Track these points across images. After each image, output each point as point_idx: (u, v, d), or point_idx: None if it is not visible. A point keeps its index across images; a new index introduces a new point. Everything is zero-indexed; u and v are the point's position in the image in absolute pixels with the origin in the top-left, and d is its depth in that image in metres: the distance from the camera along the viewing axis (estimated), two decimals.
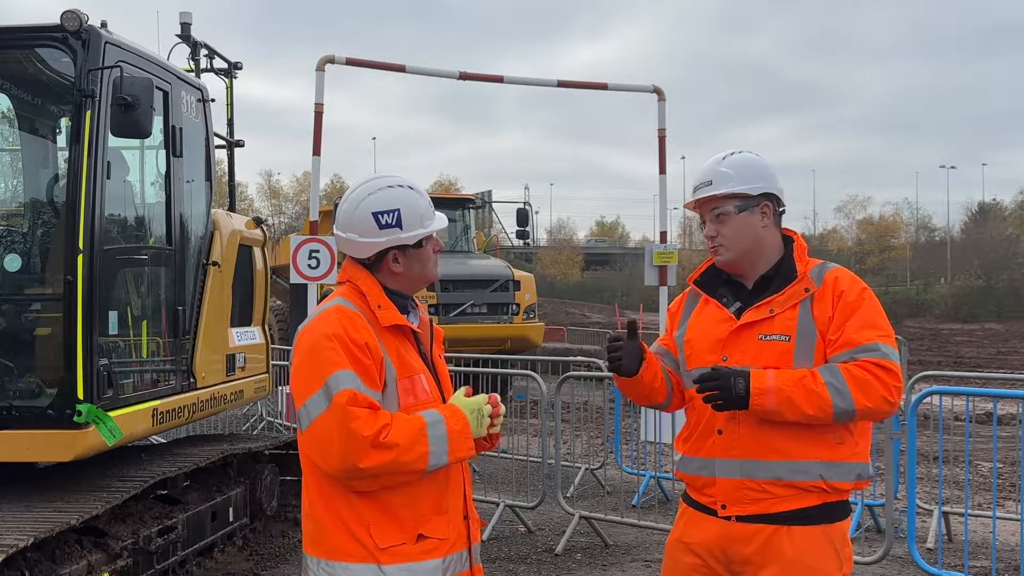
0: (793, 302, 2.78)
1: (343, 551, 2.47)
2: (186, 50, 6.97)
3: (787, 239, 2.94)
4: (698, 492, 2.88)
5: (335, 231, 2.70)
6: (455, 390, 2.72)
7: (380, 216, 2.55)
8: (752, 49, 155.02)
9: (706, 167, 2.94)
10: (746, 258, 2.88)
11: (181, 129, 5.45)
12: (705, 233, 2.93)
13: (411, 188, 2.61)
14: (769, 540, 2.71)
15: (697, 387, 2.72)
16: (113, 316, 4.80)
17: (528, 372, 7.60)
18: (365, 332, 2.47)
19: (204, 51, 7.11)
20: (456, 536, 2.58)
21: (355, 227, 2.58)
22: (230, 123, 7.39)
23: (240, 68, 7.52)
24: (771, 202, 2.88)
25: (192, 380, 5.59)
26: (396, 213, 2.55)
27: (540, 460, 7.30)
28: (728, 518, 2.77)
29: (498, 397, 2.64)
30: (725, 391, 2.66)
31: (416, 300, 2.76)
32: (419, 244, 2.61)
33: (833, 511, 2.76)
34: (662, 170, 10.69)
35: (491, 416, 2.57)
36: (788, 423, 2.68)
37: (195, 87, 5.85)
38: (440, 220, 2.66)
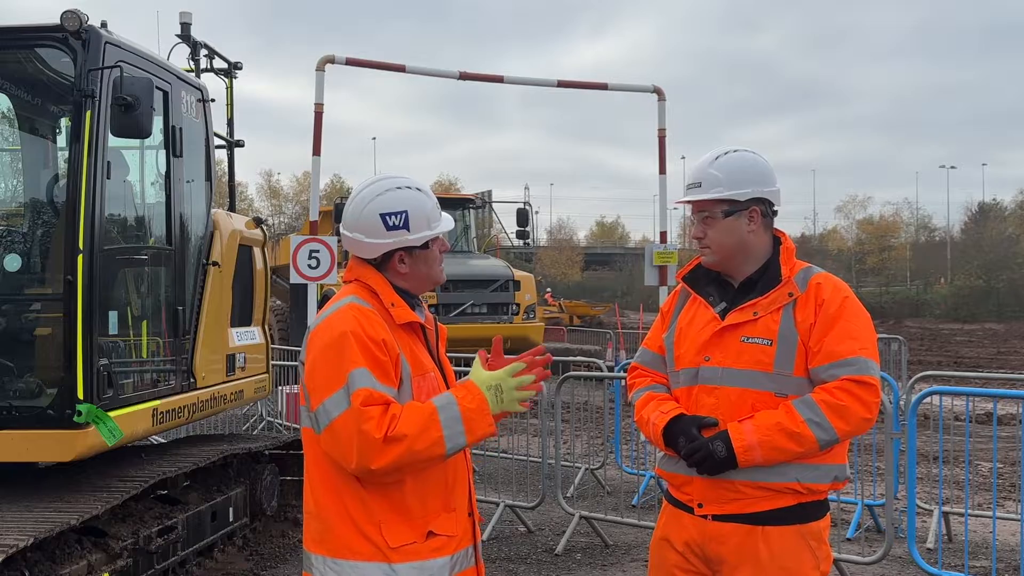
0: (777, 306, 2.77)
1: (351, 549, 2.45)
2: (186, 50, 6.96)
3: (776, 240, 2.92)
4: (677, 490, 2.90)
5: (341, 230, 2.69)
6: None
7: (388, 217, 2.54)
8: (754, 48, 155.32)
9: (698, 165, 2.90)
10: (730, 261, 2.88)
11: (181, 129, 5.45)
12: (692, 233, 2.94)
13: (419, 190, 2.61)
14: (744, 540, 2.72)
15: (686, 463, 2.76)
16: (113, 316, 4.80)
17: None
18: (382, 329, 2.47)
19: (204, 51, 7.10)
20: (463, 533, 2.59)
21: (362, 228, 2.57)
22: (230, 123, 7.38)
23: (240, 68, 7.52)
24: (760, 206, 2.85)
25: (192, 380, 5.58)
26: (404, 215, 2.54)
27: (540, 460, 7.30)
28: (704, 517, 2.78)
29: (532, 359, 2.51)
30: (708, 459, 2.69)
31: (420, 298, 2.77)
32: (425, 245, 2.61)
33: (809, 511, 2.76)
34: (662, 170, 10.71)
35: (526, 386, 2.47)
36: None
37: (195, 87, 5.85)
38: (447, 222, 2.65)
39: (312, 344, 2.50)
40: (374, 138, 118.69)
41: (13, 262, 4.75)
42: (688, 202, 2.90)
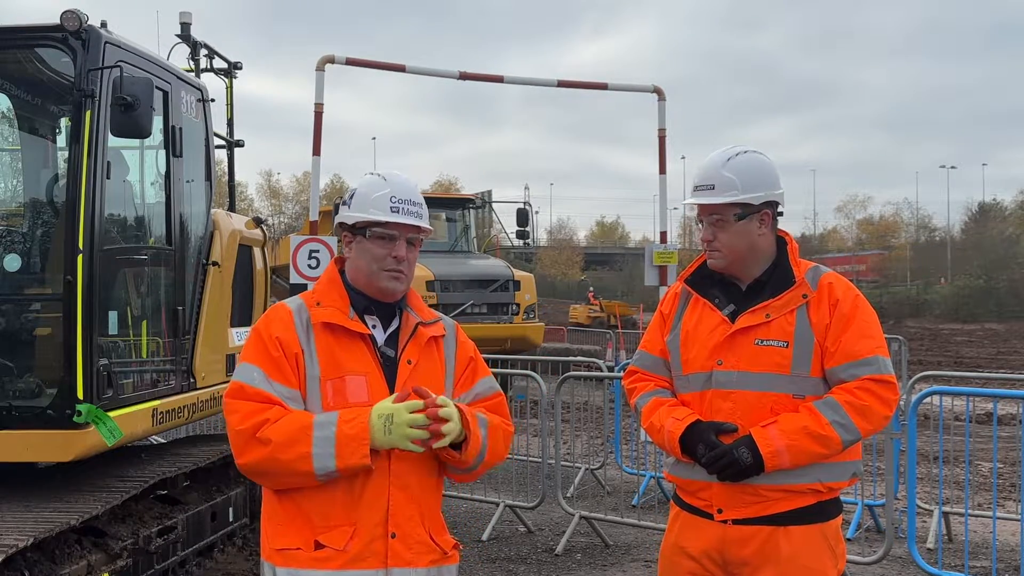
0: (791, 307, 2.75)
1: (262, 547, 2.54)
2: (186, 50, 6.96)
3: (780, 240, 2.90)
4: (692, 496, 2.85)
5: None
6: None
7: (347, 194, 2.62)
8: (755, 47, 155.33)
9: (709, 167, 2.84)
10: (739, 264, 2.85)
11: (181, 129, 5.44)
12: (702, 236, 2.89)
13: (383, 178, 2.58)
14: (767, 541, 2.71)
15: (707, 470, 2.72)
16: (113, 316, 4.80)
17: (528, 372, 7.60)
18: (280, 327, 2.47)
19: (204, 51, 7.10)
20: (365, 552, 2.41)
21: None
22: (230, 123, 7.38)
23: (240, 68, 7.51)
24: (771, 209, 2.83)
25: (192, 380, 5.58)
26: (353, 192, 2.59)
27: (540, 460, 7.30)
28: (725, 522, 2.76)
29: (436, 402, 2.38)
30: (733, 465, 2.67)
31: (414, 301, 2.66)
32: (364, 233, 2.54)
33: (828, 509, 2.77)
34: (662, 170, 10.71)
35: (430, 424, 2.33)
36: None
37: (195, 87, 5.84)
38: (390, 215, 2.51)
39: None
40: (374, 138, 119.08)
41: (13, 262, 4.75)
42: (700, 204, 2.85)
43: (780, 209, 2.89)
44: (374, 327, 2.57)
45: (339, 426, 2.33)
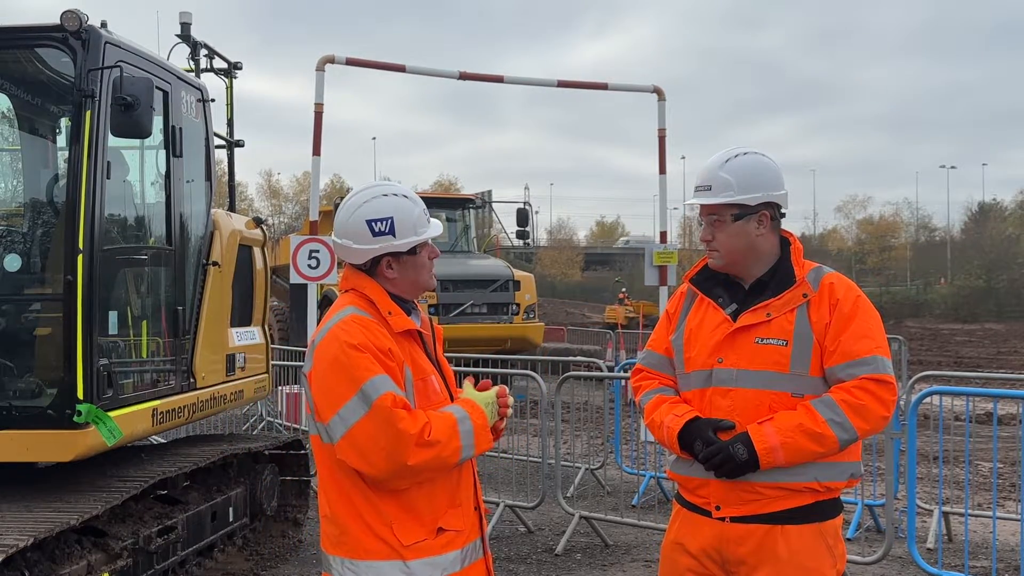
0: (791, 307, 2.77)
1: (367, 550, 2.54)
2: (186, 50, 6.97)
3: (784, 240, 2.92)
4: (691, 493, 2.88)
5: (333, 237, 2.78)
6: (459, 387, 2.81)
7: (374, 224, 2.63)
8: (756, 47, 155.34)
9: (709, 167, 2.88)
10: (739, 263, 2.88)
11: (181, 129, 5.44)
12: (701, 236, 2.94)
13: (405, 196, 2.69)
14: (763, 540, 2.72)
15: (704, 466, 2.76)
16: (113, 316, 4.80)
17: (528, 372, 7.60)
18: (386, 338, 2.56)
19: (204, 51, 7.11)
20: (470, 527, 2.68)
21: (350, 234, 2.67)
22: (230, 123, 7.39)
23: (240, 68, 7.52)
24: (770, 210, 2.85)
25: (192, 380, 5.58)
26: (389, 221, 2.63)
27: (540, 460, 7.30)
28: (723, 519, 2.77)
29: (506, 388, 2.74)
30: (728, 462, 2.69)
31: (415, 301, 2.83)
32: (413, 251, 2.68)
33: (826, 509, 2.77)
34: (662, 170, 10.72)
35: (500, 407, 2.70)
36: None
37: (195, 87, 5.84)
38: (435, 228, 2.73)
39: (320, 356, 2.55)
40: (374, 138, 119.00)
41: (13, 262, 4.74)
42: (700, 204, 2.89)
43: (783, 210, 2.90)
44: None
45: (472, 419, 2.58)
